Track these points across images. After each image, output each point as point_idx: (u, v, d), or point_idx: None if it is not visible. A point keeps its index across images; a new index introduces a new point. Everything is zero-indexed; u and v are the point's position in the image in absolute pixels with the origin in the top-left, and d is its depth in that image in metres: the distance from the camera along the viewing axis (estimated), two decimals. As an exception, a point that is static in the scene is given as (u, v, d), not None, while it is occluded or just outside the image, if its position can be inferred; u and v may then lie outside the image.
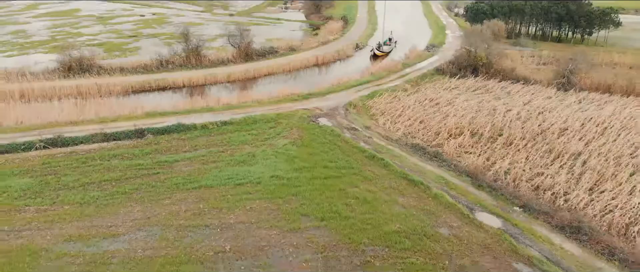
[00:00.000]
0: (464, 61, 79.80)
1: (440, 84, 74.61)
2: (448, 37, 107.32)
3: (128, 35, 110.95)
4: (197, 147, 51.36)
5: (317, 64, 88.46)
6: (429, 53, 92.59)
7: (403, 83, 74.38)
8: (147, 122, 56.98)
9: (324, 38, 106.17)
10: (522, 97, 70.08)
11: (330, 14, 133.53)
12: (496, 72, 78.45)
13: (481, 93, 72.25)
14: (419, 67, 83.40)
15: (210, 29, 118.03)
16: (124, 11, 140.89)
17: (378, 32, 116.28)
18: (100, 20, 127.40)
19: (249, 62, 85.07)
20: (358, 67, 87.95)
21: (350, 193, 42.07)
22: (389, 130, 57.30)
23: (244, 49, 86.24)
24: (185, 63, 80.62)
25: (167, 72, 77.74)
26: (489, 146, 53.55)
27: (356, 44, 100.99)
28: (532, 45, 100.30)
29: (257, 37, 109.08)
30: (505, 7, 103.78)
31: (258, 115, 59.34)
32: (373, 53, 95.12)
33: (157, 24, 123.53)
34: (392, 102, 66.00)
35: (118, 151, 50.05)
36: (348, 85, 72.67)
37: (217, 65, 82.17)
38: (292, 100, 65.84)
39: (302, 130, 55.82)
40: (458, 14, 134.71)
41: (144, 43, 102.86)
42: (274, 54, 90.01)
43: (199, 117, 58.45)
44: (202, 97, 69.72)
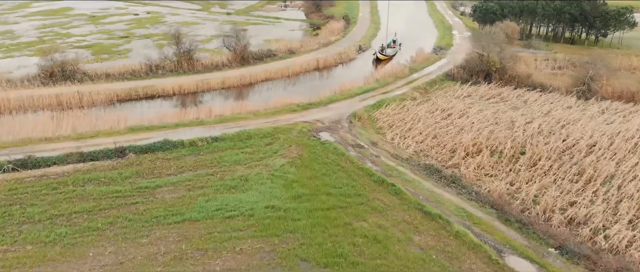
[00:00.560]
0: (475, 66, 73.32)
1: (451, 92, 68.15)
2: (455, 38, 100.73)
3: (119, 36, 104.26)
4: (183, 169, 44.98)
5: (318, 68, 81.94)
6: (436, 56, 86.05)
7: (411, 90, 67.92)
8: (130, 138, 50.61)
9: (325, 39, 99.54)
10: (541, 107, 63.68)
11: (331, 13, 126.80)
12: (511, 79, 72.00)
13: (496, 102, 65.83)
14: (427, 72, 76.91)
15: (206, 29, 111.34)
16: (118, 10, 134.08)
17: (381, 32, 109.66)
18: (91, 20, 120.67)
19: (245, 66, 78.55)
20: (361, 72, 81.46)
21: (357, 229, 35.75)
22: (399, 148, 50.90)
23: (240, 52, 79.69)
24: (176, 68, 74.09)
25: (157, 78, 71.23)
26: (512, 167, 47.19)
27: (359, 46, 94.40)
28: (544, 47, 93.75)
29: (254, 38, 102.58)
30: (515, 7, 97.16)
31: (253, 130, 52.90)
32: (376, 57, 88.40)
33: (150, 23, 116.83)
34: (400, 113, 59.58)
35: (94, 174, 43.67)
36: (351, 93, 66.20)
37: (211, 70, 75.63)
38: (290, 111, 59.43)
39: (302, 148, 49.43)
40: (464, 13, 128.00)
41: (136, 44, 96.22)
42: (272, 57, 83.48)
43: (187, 132, 52.04)
44: (193, 106, 63.36)
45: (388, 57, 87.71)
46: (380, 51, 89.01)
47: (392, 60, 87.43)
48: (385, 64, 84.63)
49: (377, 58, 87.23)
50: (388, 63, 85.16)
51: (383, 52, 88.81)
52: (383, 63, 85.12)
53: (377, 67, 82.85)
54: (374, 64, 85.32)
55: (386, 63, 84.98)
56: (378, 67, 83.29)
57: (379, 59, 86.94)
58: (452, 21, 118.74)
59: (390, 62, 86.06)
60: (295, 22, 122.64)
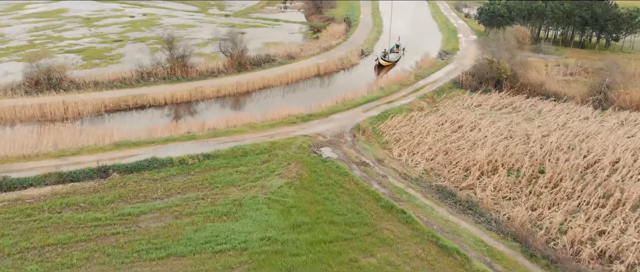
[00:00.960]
0: (485, 73, 68.83)
1: (460, 101, 63.66)
2: (461, 41, 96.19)
3: (113, 39, 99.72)
4: (171, 191, 40.56)
5: (319, 75, 77.43)
6: (442, 61, 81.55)
7: (418, 100, 63.42)
8: (115, 155, 46.18)
9: (326, 43, 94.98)
10: (556, 118, 59.18)
11: (332, 15, 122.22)
12: (523, 87, 67.53)
13: (508, 112, 61.36)
14: (434, 79, 72.41)
15: (203, 32, 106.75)
16: (114, 12, 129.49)
17: (384, 35, 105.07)
18: (85, 22, 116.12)
19: (242, 72, 74.05)
20: (364, 78, 77.05)
21: (364, 267, 31.34)
22: (407, 166, 46.43)
23: (237, 58, 75.17)
24: (169, 75, 69.57)
25: (149, 86, 66.73)
26: (531, 188, 42.71)
27: (361, 51, 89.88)
28: (554, 51, 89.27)
29: (253, 41, 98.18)
30: (523, 9, 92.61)
31: (249, 145, 48.42)
32: (378, 62, 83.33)
33: (146, 26, 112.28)
34: (407, 125, 55.11)
35: (73, 198, 39.28)
36: (354, 102, 61.72)
37: (206, 76, 71.11)
38: (289, 123, 54.96)
39: (302, 166, 45.00)
40: (469, 15, 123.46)
41: (129, 49, 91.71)
42: (270, 63, 78.97)
43: (178, 148, 47.58)
44: (186, 118, 59.04)
45: (391, 64, 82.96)
46: (382, 57, 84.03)
47: (396, 66, 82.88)
48: (388, 70, 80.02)
49: (379, 64, 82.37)
50: (391, 69, 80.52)
51: (385, 58, 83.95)
52: (385, 69, 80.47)
53: (379, 74, 78.20)
54: (376, 71, 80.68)
55: (389, 70, 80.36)
56: (380, 73, 78.63)
57: (381, 65, 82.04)
58: (456, 24, 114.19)
59: (395, 68, 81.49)
60: (295, 24, 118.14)
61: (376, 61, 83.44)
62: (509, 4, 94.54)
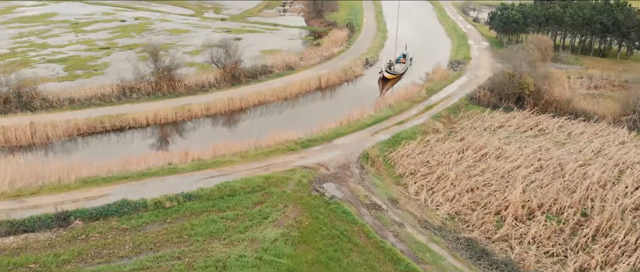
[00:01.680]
0: (505, 88, 60.87)
1: (480, 122, 55.73)
2: (472, 49, 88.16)
3: (99, 46, 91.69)
4: (142, 248, 32.67)
5: (320, 88, 69.42)
6: (455, 72, 73.54)
7: (432, 120, 55.47)
8: (80, 195, 38.32)
9: (327, 51, 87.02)
10: (589, 143, 51.34)
11: (334, 19, 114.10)
12: (547, 104, 59.61)
13: (534, 135, 53.47)
14: (447, 94, 64.45)
15: (197, 38, 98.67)
16: (105, 15, 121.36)
17: (388, 41, 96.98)
18: (73, 28, 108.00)
19: (235, 86, 66.07)
20: (370, 91, 69.19)
21: None
22: (427, 208, 38.54)
23: (230, 70, 67.18)
24: (154, 90, 61.56)
25: (131, 103, 58.81)
26: (578, 240, 34.84)
27: (366, 60, 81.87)
28: (574, 61, 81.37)
29: (249, 49, 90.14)
30: (540, 15, 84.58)
31: (238, 182, 40.47)
32: (382, 75, 73.59)
33: (136, 31, 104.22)
34: (423, 153, 47.18)
35: (23, 257, 31.52)
36: (361, 123, 53.76)
37: (195, 91, 63.10)
38: (287, 150, 47.06)
39: (301, 209, 37.12)
40: (478, 20, 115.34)
41: (116, 57, 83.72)
42: (267, 75, 70.97)
43: (155, 185, 39.71)
44: (168, 143, 51.18)
45: (396, 76, 74.30)
46: (387, 68, 74.90)
47: (404, 77, 74.77)
48: (394, 83, 71.56)
49: (384, 77, 73.31)
50: (397, 82, 72.17)
51: (391, 70, 74.94)
52: (391, 83, 71.82)
53: (383, 89, 69.85)
54: (380, 84, 71.92)
55: (394, 83, 71.88)
56: (385, 87, 70.23)
57: (385, 78, 73.10)
58: (465, 29, 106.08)
59: (403, 81, 73.34)
60: (294, 29, 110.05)
61: (380, 74, 74.21)
62: (524, 10, 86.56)
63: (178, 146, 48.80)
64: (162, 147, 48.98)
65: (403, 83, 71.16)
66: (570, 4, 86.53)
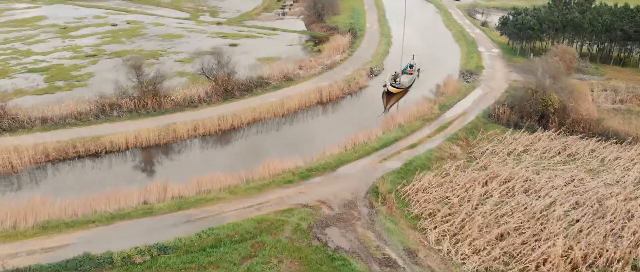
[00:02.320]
0: (527, 105, 53.70)
1: (501, 145, 48.54)
2: (484, 57, 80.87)
3: (85, 54, 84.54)
4: (100, 324, 25.65)
5: (321, 102, 62.21)
6: (468, 84, 66.30)
7: (448, 143, 48.29)
8: (37, 245, 31.42)
9: (329, 59, 79.87)
10: (626, 170, 44.21)
11: (335, 23, 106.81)
12: (575, 123, 52.43)
13: (564, 161, 46.33)
14: (462, 110, 57.26)
15: (191, 43, 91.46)
16: (96, 19, 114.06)
17: (393, 48, 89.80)
18: (61, 33, 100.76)
19: (228, 100, 58.97)
20: (376, 106, 62.16)
21: None
22: (451, 262, 31.42)
23: (223, 83, 60.02)
24: (137, 107, 54.43)
25: (111, 122, 51.75)
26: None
27: (370, 69, 74.65)
28: (594, 70, 74.18)
29: (245, 56, 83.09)
30: (557, 21, 77.28)
31: (224, 228, 33.35)
32: (386, 89, 65.11)
33: (127, 36, 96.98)
34: (441, 186, 40.03)
35: None
36: (368, 147, 46.62)
37: (183, 108, 55.97)
38: (283, 183, 39.97)
39: (299, 266, 30.06)
40: (486, 24, 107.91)
41: (102, 66, 76.60)
42: (263, 87, 63.79)
43: (126, 232, 32.65)
44: (147, 173, 44.06)
45: (402, 90, 66.40)
46: (392, 81, 66.65)
47: (411, 90, 67.43)
48: (399, 98, 64.05)
49: (388, 91, 64.68)
50: (403, 96, 64.77)
51: (396, 83, 66.79)
52: (396, 97, 64.16)
53: (387, 104, 62.54)
54: (384, 99, 64.24)
55: (400, 97, 64.45)
56: (389, 102, 62.81)
57: (390, 92, 64.84)
58: (474, 34, 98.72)
59: (412, 94, 66.02)
60: (293, 34, 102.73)
61: (384, 88, 65.66)
62: (539, 15, 79.26)
63: (158, 177, 41.60)
64: (138, 179, 41.79)
65: (412, 97, 63.87)
66: (588, 8, 79.19)
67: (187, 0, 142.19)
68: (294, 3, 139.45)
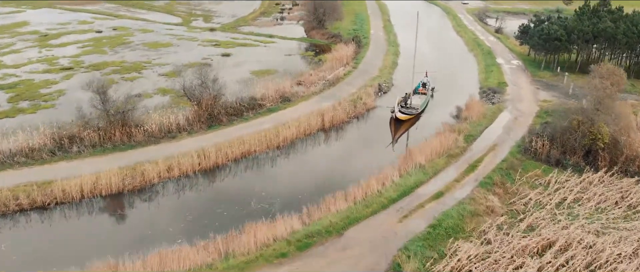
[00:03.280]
0: (570, 139, 43.33)
1: (546, 193, 38.13)
2: (504, 70, 70.43)
3: (62, 66, 74.14)
4: None
5: (323, 128, 51.85)
6: (493, 106, 55.85)
7: (482, 190, 37.77)
8: None
9: (331, 71, 69.59)
10: None
11: (337, 29, 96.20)
12: (629, 161, 42.08)
13: (624, 214, 35.99)
14: (491, 141, 46.82)
15: (179, 53, 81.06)
16: (80, 25, 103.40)
17: (402, 59, 79.47)
18: (40, 41, 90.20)
19: (213, 128, 48.67)
20: (388, 134, 51.77)
21: None
22: None
23: (208, 107, 49.66)
24: (103, 140, 44.08)
25: (68, 161, 41.48)
26: None
27: (378, 86, 64.30)
28: (630, 88, 63.80)
29: (238, 68, 72.82)
30: (587, 31, 66.78)
31: None
32: (394, 115, 53.04)
33: (111, 45, 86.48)
34: (483, 261, 29.70)
35: None
36: (383, 198, 36.20)
37: (158, 139, 45.61)
38: (275, 257, 29.66)
39: None
40: (501, 31, 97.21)
41: (76, 81, 65.95)
42: (255, 110, 53.43)
43: None
44: (97, 240, 33.65)
45: (412, 116, 54.30)
46: (401, 105, 54.71)
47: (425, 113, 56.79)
48: (410, 125, 53.59)
49: (396, 117, 52.72)
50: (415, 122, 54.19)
51: (407, 105, 55.41)
52: (405, 125, 53.26)
53: (396, 134, 51.67)
54: (392, 127, 53.01)
55: (411, 124, 53.88)
56: (398, 132, 51.97)
57: (398, 118, 52.85)
58: (488, 42, 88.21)
59: (425, 118, 55.62)
60: (292, 42, 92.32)
61: (392, 113, 53.60)
62: (567, 24, 68.75)
63: (110, 248, 31.03)
64: (84, 252, 31.16)
65: (429, 122, 53.37)
66: (621, 17, 68.76)
67: (182, 2, 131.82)
68: (293, 7, 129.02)
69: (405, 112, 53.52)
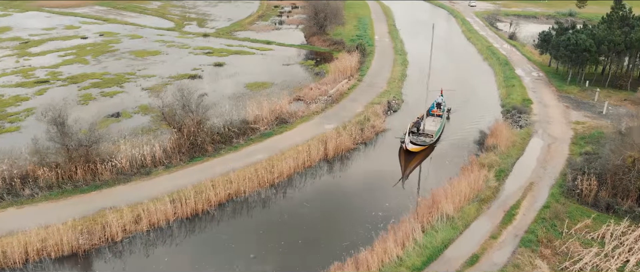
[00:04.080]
0: (624, 178, 35.05)
1: (601, 255, 29.91)
2: (525, 83, 61.98)
3: (38, 78, 65.90)
4: None
5: (326, 158, 43.53)
6: (521, 130, 47.41)
7: (526, 251, 29.49)
8: None
9: (334, 84, 61.47)
10: None
11: (339, 35, 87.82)
12: (700, 209, 33.83)
13: None
14: (525, 177, 38.50)
15: (168, 63, 72.84)
16: (66, 30, 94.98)
17: (411, 70, 71.17)
18: (20, 48, 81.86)
19: (196, 160, 40.46)
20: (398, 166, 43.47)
21: None
22: None
23: (190, 134, 41.37)
24: (61, 180, 35.85)
25: (18, 207, 33.38)
26: None
27: (387, 103, 55.98)
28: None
29: (231, 80, 64.85)
30: (619, 42, 58.41)
31: None
32: (404, 146, 43.10)
33: (94, 53, 78.09)
34: None
35: None
36: (405, 267, 27.90)
37: (129, 177, 37.36)
38: None
39: None
40: (515, 37, 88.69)
41: (50, 96, 57.85)
42: (247, 136, 45.17)
43: None
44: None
45: (426, 147, 45.14)
46: (412, 131, 46.05)
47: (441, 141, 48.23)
48: (423, 158, 44.17)
49: (406, 149, 43.16)
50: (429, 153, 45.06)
51: (419, 132, 46.25)
52: (418, 157, 43.90)
53: (406, 168, 42.36)
54: (401, 160, 43.47)
55: (425, 156, 44.55)
56: (409, 166, 42.72)
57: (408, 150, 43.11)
58: (503, 50, 79.76)
59: (441, 148, 47.18)
60: (291, 49, 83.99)
61: (401, 142, 43.78)
62: (596, 32, 60.33)
63: None
64: None
65: (447, 152, 45.06)
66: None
67: (176, 5, 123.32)
68: (292, 10, 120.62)
69: (417, 142, 44.25)
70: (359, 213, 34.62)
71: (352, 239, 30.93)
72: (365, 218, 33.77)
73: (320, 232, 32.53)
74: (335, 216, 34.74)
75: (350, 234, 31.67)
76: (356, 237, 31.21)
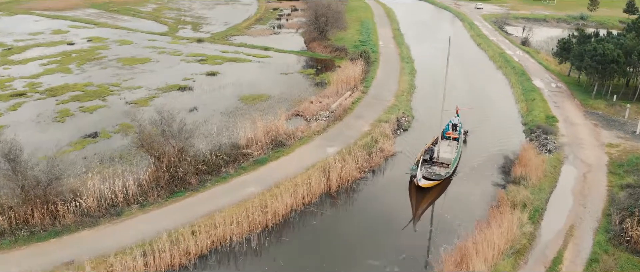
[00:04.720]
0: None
1: None
2: (546, 97, 55.61)
3: (14, 90, 59.61)
4: None
5: (329, 192, 37.12)
6: (550, 156, 40.97)
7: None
8: None
9: (336, 97, 55.28)
10: None
11: (341, 40, 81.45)
12: None
13: None
14: (563, 221, 32.11)
15: (158, 71, 66.62)
16: (53, 35, 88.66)
17: (420, 79, 64.92)
18: (2, 55, 75.60)
19: (176, 195, 34.18)
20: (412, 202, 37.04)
21: None
22: None
23: (170, 165, 35.04)
24: (15, 226, 29.58)
25: (-45, 261, 27.06)
26: None
27: (397, 121, 49.64)
28: None
29: (224, 91, 58.84)
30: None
31: None
32: (415, 181, 35.73)
33: (80, 61, 71.75)
34: None
35: None
36: None
37: (96, 219, 31.06)
38: None
39: None
40: (528, 42, 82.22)
41: (24, 114, 51.86)
42: (238, 165, 38.86)
43: None
44: None
45: (440, 182, 37.60)
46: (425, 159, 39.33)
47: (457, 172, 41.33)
48: (438, 194, 36.69)
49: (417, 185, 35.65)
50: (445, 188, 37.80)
51: (432, 161, 39.65)
52: (431, 193, 36.56)
53: (418, 207, 35.22)
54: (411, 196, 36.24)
55: (440, 191, 37.03)
56: (421, 204, 35.52)
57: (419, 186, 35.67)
58: (516, 57, 73.34)
59: (460, 183, 40.64)
60: (290, 55, 77.65)
61: (414, 177, 36.10)
62: (624, 42, 53.96)
63: None
64: None
65: (465, 186, 38.60)
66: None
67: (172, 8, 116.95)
68: (291, 12, 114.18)
69: (431, 176, 37.29)
70: (365, 256, 28.35)
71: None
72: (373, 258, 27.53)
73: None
74: (339, 260, 28.48)
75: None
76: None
